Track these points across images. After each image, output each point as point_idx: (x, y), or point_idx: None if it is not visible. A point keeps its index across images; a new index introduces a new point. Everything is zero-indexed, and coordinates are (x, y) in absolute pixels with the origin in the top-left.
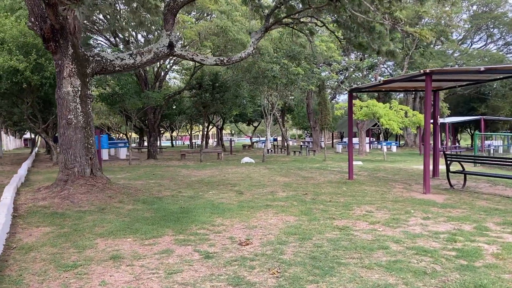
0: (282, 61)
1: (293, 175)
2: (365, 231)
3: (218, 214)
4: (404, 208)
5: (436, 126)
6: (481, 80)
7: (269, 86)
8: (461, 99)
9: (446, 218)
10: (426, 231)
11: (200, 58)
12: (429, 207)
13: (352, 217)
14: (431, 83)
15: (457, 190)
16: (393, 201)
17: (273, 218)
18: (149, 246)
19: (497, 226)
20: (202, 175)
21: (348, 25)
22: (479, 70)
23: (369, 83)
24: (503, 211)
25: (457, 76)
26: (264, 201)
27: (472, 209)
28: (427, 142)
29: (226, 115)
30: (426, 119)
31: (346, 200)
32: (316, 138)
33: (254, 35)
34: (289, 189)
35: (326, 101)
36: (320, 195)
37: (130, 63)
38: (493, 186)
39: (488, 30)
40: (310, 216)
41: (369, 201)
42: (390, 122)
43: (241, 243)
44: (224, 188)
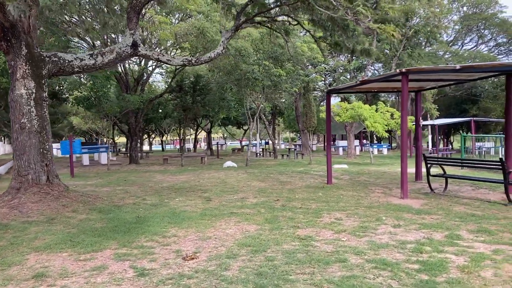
0: (263, 63)
1: (271, 180)
2: (327, 241)
3: (175, 223)
4: (376, 215)
5: (418, 128)
6: (462, 80)
7: (251, 88)
8: (452, 101)
9: (418, 226)
10: (394, 240)
11: (167, 58)
12: (403, 214)
13: (319, 225)
14: (407, 83)
15: (437, 194)
16: (367, 207)
17: (233, 227)
18: (83, 261)
19: (470, 234)
20: (176, 180)
21: (323, 24)
22: (455, 69)
23: (346, 84)
24: (479, 217)
25: (435, 75)
26: (231, 208)
27: (447, 215)
28: (403, 144)
29: (214, 119)
30: (402, 121)
31: (318, 206)
32: (305, 141)
33: (225, 34)
34: (261, 195)
35: (310, 104)
36: (292, 201)
37: (90, 64)
38: (476, 190)
39: (478, 31)
40: (273, 224)
41: (341, 207)
42: (375, 125)
43: (186, 257)
44: (193, 195)
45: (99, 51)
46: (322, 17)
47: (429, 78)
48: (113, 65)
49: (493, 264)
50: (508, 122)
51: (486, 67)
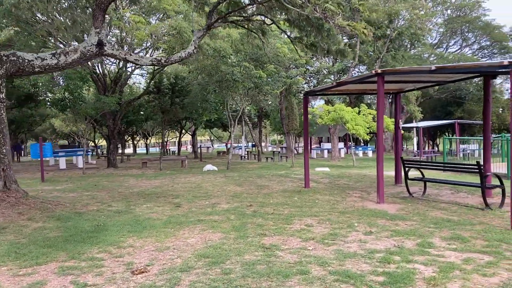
0: (243, 64)
1: (249, 184)
2: (293, 251)
3: (135, 232)
4: (349, 221)
5: (398, 130)
6: (441, 81)
7: (232, 90)
8: (438, 103)
9: (390, 233)
10: (362, 249)
11: (134, 58)
12: (376, 220)
13: (287, 233)
14: (383, 85)
15: (415, 198)
16: (341, 213)
17: (196, 236)
18: (22, 277)
19: (443, 241)
20: (149, 185)
21: (298, 24)
22: (430, 70)
23: (323, 85)
24: (455, 222)
25: (411, 76)
26: (199, 215)
27: (423, 221)
28: (379, 147)
29: (197, 121)
30: (378, 123)
31: (291, 212)
32: (289, 144)
33: (196, 33)
34: (235, 200)
35: (293, 106)
36: (265, 207)
37: (52, 64)
38: (455, 194)
39: (462, 34)
40: (240, 232)
41: (314, 213)
42: (357, 127)
43: (135, 271)
44: (163, 201)
45: (62, 50)
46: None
47: (406, 79)
48: (77, 65)
49: (462, 275)
50: (486, 124)
51: (460, 67)
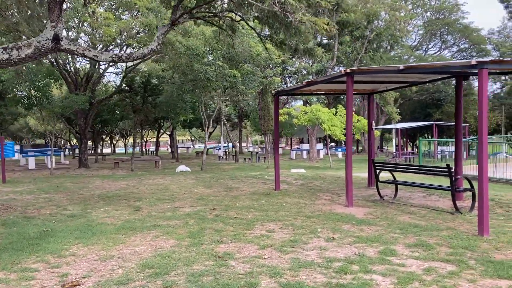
0: (217, 63)
1: (218, 186)
2: (246, 260)
3: (83, 239)
4: (313, 226)
5: (371, 131)
6: (415, 82)
7: (206, 89)
8: (417, 105)
9: (353, 239)
10: (321, 257)
11: (93, 53)
12: (342, 225)
13: (246, 239)
14: (352, 84)
15: (386, 201)
16: (306, 217)
17: (148, 243)
18: None
19: (407, 248)
20: (113, 187)
21: (267, 21)
22: (398, 69)
23: (293, 85)
24: (422, 228)
25: (383, 77)
26: (157, 219)
27: (389, 226)
28: (349, 148)
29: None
30: (347, 124)
31: (255, 216)
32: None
33: (160, 29)
34: (199, 203)
35: (268, 106)
36: (229, 210)
37: (3, 59)
38: (427, 197)
39: (442, 37)
40: (195, 239)
41: (279, 217)
42: (333, 128)
43: (66, 284)
44: (124, 204)
45: (14, 44)
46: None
47: (379, 79)
48: (31, 60)
49: (421, 287)
50: (457, 126)
51: (428, 67)
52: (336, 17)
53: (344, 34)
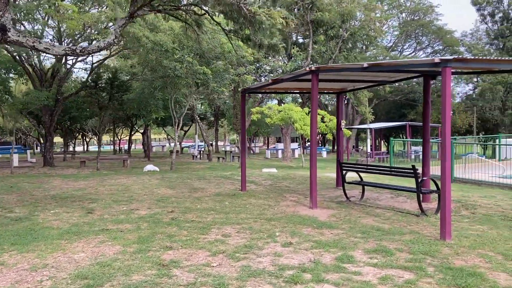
0: (186, 59)
1: (183, 187)
2: (193, 268)
3: (20, 245)
4: (272, 230)
5: (340, 131)
6: (384, 81)
7: (175, 87)
8: (392, 105)
9: (311, 244)
10: (274, 265)
11: (44, 46)
12: (302, 228)
13: (197, 245)
14: (317, 82)
15: (352, 203)
16: (267, 219)
17: (90, 249)
18: None
19: (365, 254)
20: (72, 187)
21: (232, 16)
22: (362, 67)
23: (260, 83)
24: (385, 231)
25: (350, 75)
26: (108, 223)
27: (351, 230)
28: (313, 148)
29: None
30: (312, 123)
31: (214, 219)
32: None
33: (118, 22)
34: (158, 205)
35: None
36: (188, 213)
37: None
38: (395, 198)
39: (417, 38)
40: (143, 244)
41: (239, 220)
42: (305, 128)
43: None
44: (77, 206)
45: None
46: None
47: (348, 78)
48: None
49: None
50: (425, 126)
51: (393, 65)
52: (310, 16)
53: (319, 33)
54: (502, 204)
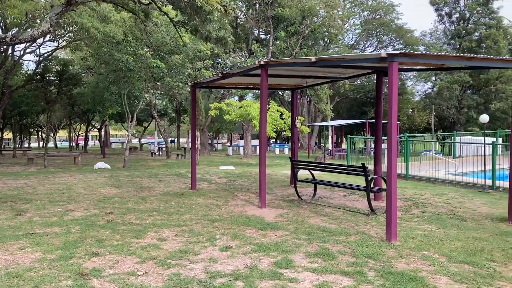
0: (139, 52)
1: (130, 185)
2: (115, 278)
3: None
4: (214, 232)
5: (295, 128)
6: (338, 77)
7: (128, 81)
8: (354, 103)
9: (252, 248)
10: (207, 272)
11: None
12: (246, 229)
13: (128, 251)
14: (267, 77)
15: (304, 201)
16: (211, 221)
17: (4, 257)
18: None
19: (306, 258)
20: (9, 186)
21: (178, 5)
22: (310, 61)
23: (210, 77)
24: (331, 232)
25: (302, 71)
26: (36, 226)
27: (296, 231)
28: (262, 145)
29: (102, 114)
30: (261, 120)
31: (154, 221)
32: (204, 140)
33: (54, 9)
34: (98, 206)
35: (198, 100)
36: (128, 214)
37: None
38: (348, 196)
39: (378, 36)
40: (68, 250)
41: (181, 222)
42: None
43: None
44: (7, 207)
45: None
46: None
47: (300, 74)
48: None
49: None
50: (377, 124)
51: (341, 59)
52: (271, 11)
53: (280, 29)
54: (452, 202)
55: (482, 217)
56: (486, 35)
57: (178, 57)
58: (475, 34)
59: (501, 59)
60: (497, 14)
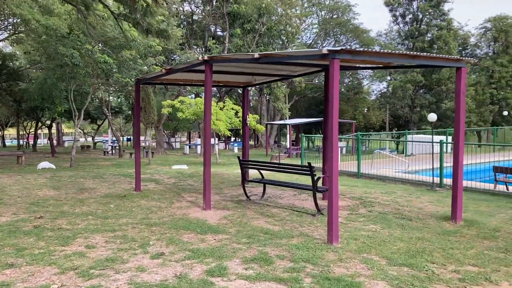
0: (85, 47)
1: (72, 186)
2: None
3: None
4: (149, 237)
5: (246, 127)
6: (288, 75)
7: (74, 76)
8: (312, 102)
9: (187, 254)
10: (130, 283)
11: None
12: (184, 234)
13: (48, 261)
14: (211, 73)
15: (252, 202)
16: (149, 225)
17: None
18: None
19: (242, 264)
20: None
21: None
22: (253, 57)
23: (154, 73)
24: (273, 234)
25: (251, 68)
26: None
27: (238, 234)
28: (207, 144)
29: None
30: (205, 117)
31: (87, 226)
32: (160, 139)
33: None
34: (29, 210)
35: (149, 97)
36: (61, 218)
37: None
38: (298, 195)
39: (335, 36)
40: None
41: (116, 226)
42: (217, 123)
43: None
44: None
45: None
46: None
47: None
48: None
49: None
50: (326, 122)
51: (285, 56)
52: (227, 8)
53: (236, 26)
54: (400, 200)
55: (427, 216)
56: (438, 36)
57: (129, 53)
58: (427, 35)
59: (443, 57)
60: (448, 16)
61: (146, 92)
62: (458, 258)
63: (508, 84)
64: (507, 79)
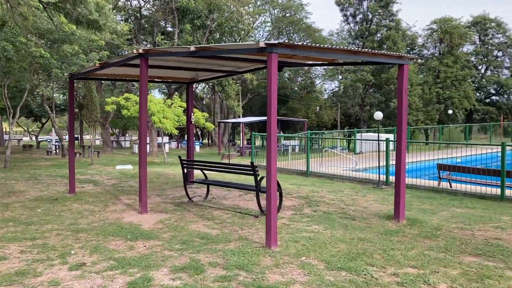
0: (19, 39)
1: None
2: None
3: None
4: (71, 246)
5: (190, 124)
6: (233, 72)
7: (8, 71)
8: (265, 100)
9: (110, 264)
10: None
11: None
12: (112, 241)
13: None
14: (147, 67)
15: (194, 203)
16: (76, 231)
17: None
18: None
19: (170, 274)
20: None
21: None
22: (189, 50)
23: (88, 67)
24: (210, 239)
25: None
26: None
27: (172, 240)
28: (142, 143)
29: None
30: (141, 115)
31: (5, 234)
32: (106, 138)
33: None
34: None
35: (92, 94)
36: None
37: None
38: (243, 196)
39: (288, 34)
40: None
41: (38, 234)
42: (164, 121)
43: None
44: None
45: None
46: None
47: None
48: None
49: None
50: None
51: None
52: (175, 3)
53: (185, 22)
54: (346, 199)
55: (371, 215)
56: (387, 36)
57: (69, 47)
58: (377, 35)
59: (385, 54)
60: (396, 17)
61: (89, 89)
62: (398, 259)
63: (453, 84)
64: (452, 79)
